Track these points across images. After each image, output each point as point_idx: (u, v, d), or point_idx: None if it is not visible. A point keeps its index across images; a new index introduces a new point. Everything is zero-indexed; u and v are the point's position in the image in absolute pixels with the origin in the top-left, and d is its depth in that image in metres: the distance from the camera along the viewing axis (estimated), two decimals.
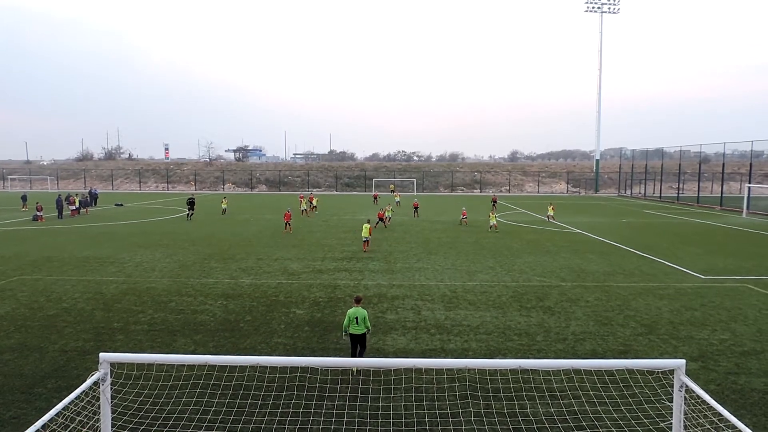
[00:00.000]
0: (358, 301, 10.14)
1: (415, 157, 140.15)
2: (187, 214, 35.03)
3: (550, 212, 34.59)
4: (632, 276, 18.11)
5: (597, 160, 78.56)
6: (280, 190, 77.26)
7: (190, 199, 35.64)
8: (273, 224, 32.04)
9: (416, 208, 36.49)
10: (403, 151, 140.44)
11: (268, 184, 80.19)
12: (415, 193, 68.79)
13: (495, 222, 29.98)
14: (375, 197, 51.41)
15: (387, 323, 12.69)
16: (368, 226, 22.77)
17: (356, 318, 9.87)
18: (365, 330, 9.80)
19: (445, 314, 13.30)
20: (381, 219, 30.57)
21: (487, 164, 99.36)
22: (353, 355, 9.79)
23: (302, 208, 37.71)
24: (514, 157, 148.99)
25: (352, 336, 9.89)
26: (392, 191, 61.63)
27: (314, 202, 41.97)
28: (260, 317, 13.13)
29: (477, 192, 76.88)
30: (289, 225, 28.72)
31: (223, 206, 30.98)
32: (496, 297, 15.17)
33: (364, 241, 22.42)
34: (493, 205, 44.61)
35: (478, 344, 11.34)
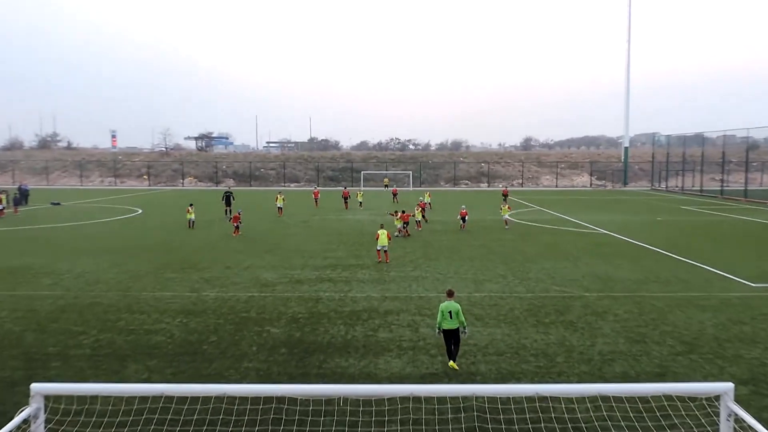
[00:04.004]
0: (450, 294, 11.30)
1: (411, 146, 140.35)
2: (226, 211, 35.93)
3: (505, 213, 30.40)
4: (669, 284, 18.24)
5: (626, 148, 79.14)
6: (250, 185, 77.04)
7: (227, 193, 37.06)
8: (244, 226, 32.05)
9: (464, 218, 30.51)
10: (396, 139, 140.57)
11: (236, 178, 79.89)
12: (412, 188, 68.89)
13: (507, 216, 30.12)
14: (395, 193, 49.99)
15: (379, 343, 12.65)
16: (385, 232, 21.43)
17: (450, 312, 10.91)
18: (459, 325, 10.94)
19: None
20: (406, 223, 28.04)
21: (496, 153, 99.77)
22: (448, 353, 11.07)
23: (279, 206, 37.57)
24: (527, 145, 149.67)
25: (445, 332, 10.97)
26: (386, 186, 61.69)
27: (360, 198, 44.39)
28: (228, 337, 13.05)
29: (484, 186, 77.18)
30: (238, 229, 28.52)
31: (189, 217, 29.92)
32: (508, 310, 15.19)
33: (379, 251, 21.29)
34: (504, 199, 44.82)
35: (487, 367, 11.35)
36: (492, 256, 23.01)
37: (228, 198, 36.78)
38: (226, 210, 36.36)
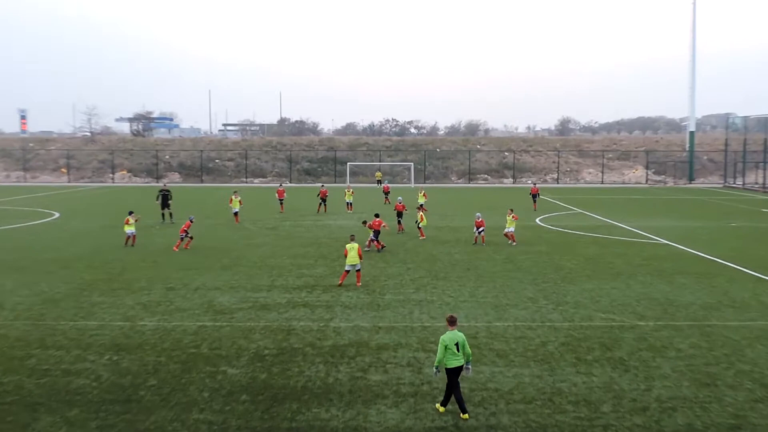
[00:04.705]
0: (452, 322, 11.44)
1: (412, 129, 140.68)
2: (162, 215, 36.42)
3: (510, 226, 29.75)
4: (747, 310, 18.32)
5: (691, 133, 79.69)
6: (202, 181, 76.99)
7: (162, 192, 37.23)
8: (193, 233, 32.03)
9: (480, 228, 29.79)
10: (393, 121, 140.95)
11: (182, 172, 79.88)
12: (413, 185, 69.01)
13: (512, 229, 29.37)
14: (386, 191, 50.31)
15: (370, 388, 12.65)
16: (356, 246, 21.00)
17: (456, 344, 11.13)
18: (465, 360, 11.29)
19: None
20: (377, 232, 27.52)
21: (524, 139, 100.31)
22: (448, 397, 11.34)
23: (234, 211, 37.30)
24: (564, 128, 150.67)
25: (451, 372, 11.15)
26: (379, 181, 61.84)
27: (348, 197, 43.75)
28: (171, 380, 13.01)
29: (508, 182, 77.39)
30: (186, 239, 28.24)
31: (129, 230, 28.56)
32: (539, 345, 15.21)
33: (347, 271, 20.99)
34: (534, 199, 44.87)
35: (511, 419, 11.36)
36: (518, 274, 23.02)
37: (164, 198, 36.95)
38: (163, 213, 36.58)
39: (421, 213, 32.12)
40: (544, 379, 13.12)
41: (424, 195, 42.23)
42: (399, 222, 33.28)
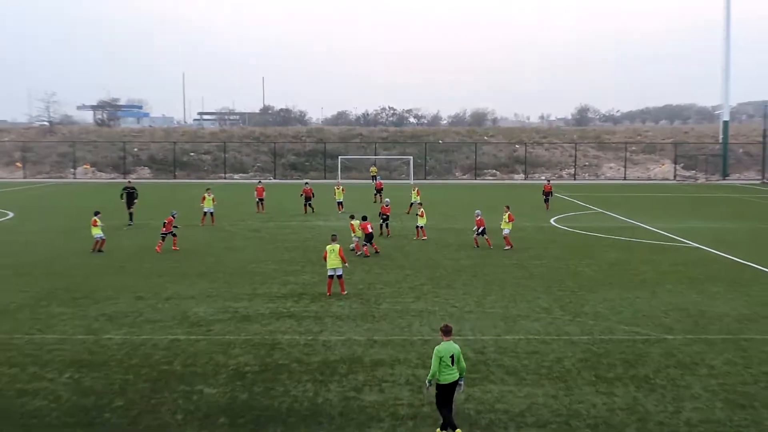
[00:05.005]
0: (447, 332, 11.47)
1: (411, 119, 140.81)
2: (130, 214, 36.54)
3: (506, 227, 29.60)
4: None
5: (725, 123, 79.84)
6: (175, 177, 76.88)
7: (127, 189, 37.31)
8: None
9: (481, 229, 29.59)
10: (390, 109, 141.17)
11: (153, 166, 79.81)
12: (413, 181, 69.08)
13: (508, 231, 29.29)
14: (379, 188, 50.21)
15: (364, 409, 12.64)
16: (337, 247, 21.05)
17: (451, 357, 11.15)
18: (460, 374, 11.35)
19: (466, 392, 13.26)
20: (369, 235, 27.79)
21: (537, 130, 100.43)
22: (446, 421, 11.24)
23: (206, 210, 36.99)
24: (582, 118, 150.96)
25: (444, 388, 11.15)
26: (374, 177, 61.80)
27: (339, 196, 43.47)
28: (140, 401, 12.98)
29: (519, 178, 77.46)
30: (169, 237, 28.55)
31: (97, 234, 28.49)
32: (554, 361, 15.21)
33: (331, 277, 21.16)
34: (546, 198, 44.73)
35: None
36: (531, 281, 23.04)
37: (130, 196, 37.01)
38: (130, 213, 36.63)
39: (422, 210, 32.19)
40: (560, 399, 13.11)
41: (417, 193, 42.18)
42: (385, 225, 32.90)
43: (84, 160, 79.93)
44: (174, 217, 29.16)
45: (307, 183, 45.37)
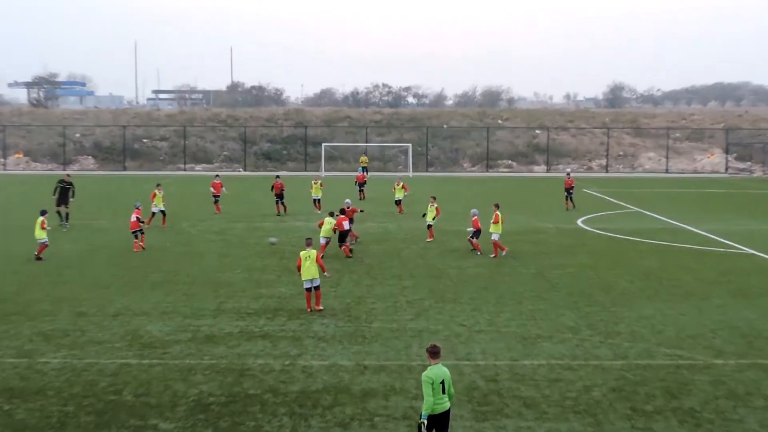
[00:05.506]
0: (435, 354, 11.58)
1: (410, 98, 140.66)
2: (59, 213, 36.16)
3: (494, 231, 29.30)
4: None
5: None
6: (125, 168, 76.66)
7: (61, 184, 37.07)
8: (112, 238, 31.77)
9: (475, 232, 30.25)
10: (385, 87, 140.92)
11: (99, 155, 79.49)
12: (412, 174, 69.12)
13: (497, 235, 28.92)
14: (360, 181, 50.31)
15: None
16: (314, 253, 21.30)
17: (442, 383, 11.30)
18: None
19: (475, 428, 13.30)
20: (345, 232, 28.92)
21: (562, 113, 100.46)
22: None
23: (155, 210, 36.85)
24: (616, 98, 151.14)
25: (432, 419, 11.23)
26: (364, 168, 61.86)
27: (316, 192, 43.04)
28: None
29: (540, 170, 77.42)
30: (136, 237, 28.95)
31: (41, 239, 28.43)
32: (582, 390, 15.21)
33: (309, 290, 21.25)
34: (567, 195, 44.63)
35: None
36: (553, 295, 23.04)
37: (64, 192, 36.84)
38: (58, 211, 36.22)
39: (435, 204, 32.44)
40: None
41: (403, 188, 42.26)
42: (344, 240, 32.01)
43: (16, 147, 79.57)
44: (139, 209, 29.53)
45: (278, 177, 44.69)
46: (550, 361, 16.93)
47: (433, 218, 32.44)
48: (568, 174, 50.67)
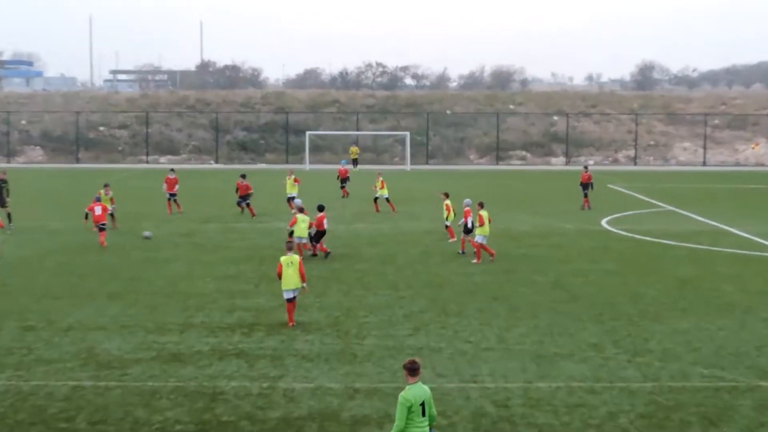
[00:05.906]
0: (414, 371, 11.42)
1: (408, 80, 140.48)
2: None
3: (480, 233, 29.69)
4: None
5: None
6: (78, 160, 76.54)
7: None
8: (64, 241, 31.76)
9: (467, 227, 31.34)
10: (380, 66, 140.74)
11: (48, 146, 79.41)
12: (410, 167, 69.06)
13: (483, 237, 29.14)
14: (343, 176, 50.91)
15: None
16: (296, 259, 21.50)
17: (422, 405, 11.15)
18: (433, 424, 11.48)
19: None
20: (320, 233, 29.33)
21: (583, 96, 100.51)
22: None
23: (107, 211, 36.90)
24: (646, 79, 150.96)
25: None
26: (355, 160, 62.00)
27: (291, 188, 43.44)
28: None
29: (558, 163, 77.38)
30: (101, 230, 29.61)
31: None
32: (606, 417, 15.24)
33: (290, 301, 21.34)
34: (585, 192, 44.54)
35: None
36: (573, 306, 23.08)
37: None
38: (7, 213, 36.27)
39: (447, 202, 32.94)
40: None
41: (382, 184, 42.59)
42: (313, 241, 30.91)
43: None
44: (111, 202, 29.69)
45: (243, 176, 43.01)
46: (570, 384, 16.93)
47: (447, 218, 32.79)
48: (586, 167, 49.92)
